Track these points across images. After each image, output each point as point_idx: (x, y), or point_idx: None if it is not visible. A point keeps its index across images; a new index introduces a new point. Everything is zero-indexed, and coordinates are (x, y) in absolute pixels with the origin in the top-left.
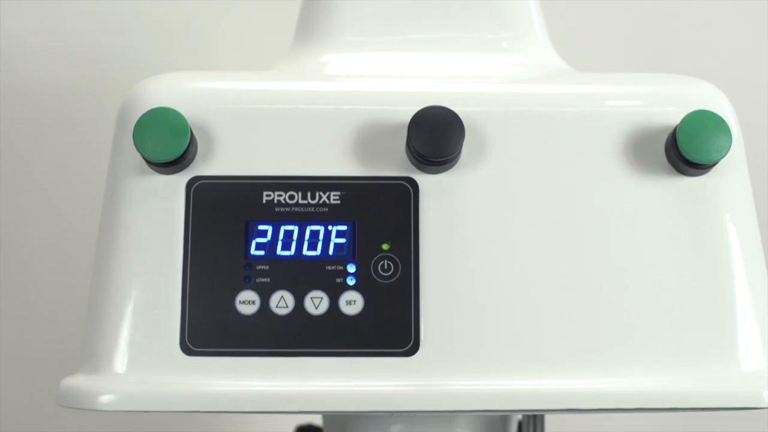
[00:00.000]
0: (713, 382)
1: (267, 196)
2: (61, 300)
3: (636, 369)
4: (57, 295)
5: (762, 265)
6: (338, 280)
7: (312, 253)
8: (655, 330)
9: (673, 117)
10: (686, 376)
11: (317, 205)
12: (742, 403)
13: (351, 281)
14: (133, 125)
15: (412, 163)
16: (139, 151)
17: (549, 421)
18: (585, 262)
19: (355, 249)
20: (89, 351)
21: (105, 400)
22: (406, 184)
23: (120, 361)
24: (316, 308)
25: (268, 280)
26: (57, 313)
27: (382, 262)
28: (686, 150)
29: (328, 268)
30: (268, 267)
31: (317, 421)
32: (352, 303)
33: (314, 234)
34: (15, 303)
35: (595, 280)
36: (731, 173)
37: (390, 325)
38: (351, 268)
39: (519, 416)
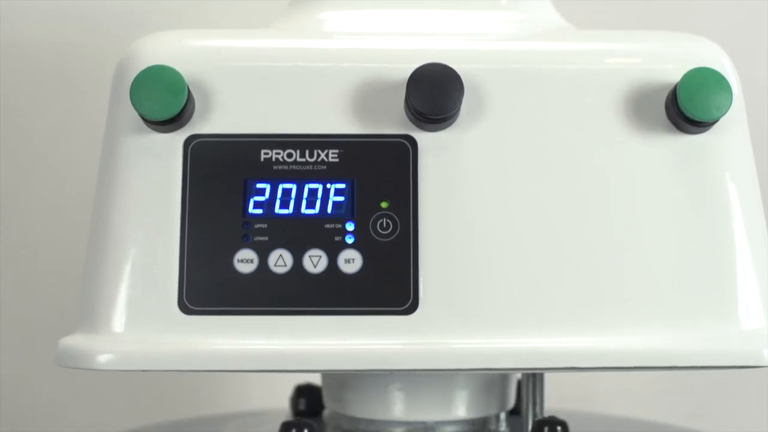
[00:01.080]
0: (713, 340)
1: (265, 154)
2: (59, 259)
3: (635, 327)
4: (55, 255)
5: (762, 224)
6: (337, 239)
7: (310, 211)
8: (654, 288)
9: (674, 74)
10: (686, 335)
11: (315, 163)
12: (741, 362)
13: (350, 239)
14: (130, 83)
15: (411, 120)
16: (136, 110)
17: (548, 379)
18: (584, 220)
19: (353, 207)
20: (87, 310)
21: (103, 359)
22: (405, 142)
23: (118, 321)
24: (315, 267)
25: (267, 238)
26: (55, 272)
27: (381, 221)
28: (687, 107)
29: (327, 226)
30: (266, 225)
31: (316, 380)
32: (350, 261)
33: (313, 192)
34: (12, 262)
35: (594, 238)
36: (732, 131)
37: (389, 284)
38: (350, 227)
39: (518, 375)
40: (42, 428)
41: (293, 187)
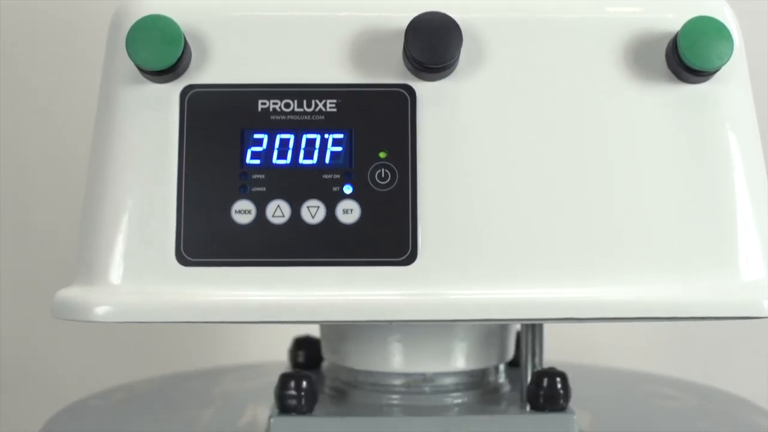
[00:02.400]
0: (713, 291)
1: (262, 104)
2: (57, 211)
3: (635, 278)
4: (53, 207)
5: (763, 174)
6: (335, 189)
7: (308, 161)
8: (654, 239)
9: (674, 23)
10: (686, 286)
11: (313, 113)
12: (741, 313)
13: (348, 190)
14: (126, 33)
15: (409, 70)
16: (132, 60)
17: (547, 333)
18: (584, 170)
19: (352, 157)
20: (84, 262)
21: (100, 311)
22: (403, 92)
23: (115, 272)
24: (313, 217)
25: (264, 189)
26: (53, 224)
27: (379, 171)
28: (687, 56)
29: (325, 176)
30: (263, 176)
31: (315, 333)
32: (348, 212)
33: (310, 142)
34: (11, 215)
35: (594, 189)
36: (732, 80)
37: (387, 234)
38: (348, 177)
39: (518, 327)
40: (39, 383)
41: (291, 137)
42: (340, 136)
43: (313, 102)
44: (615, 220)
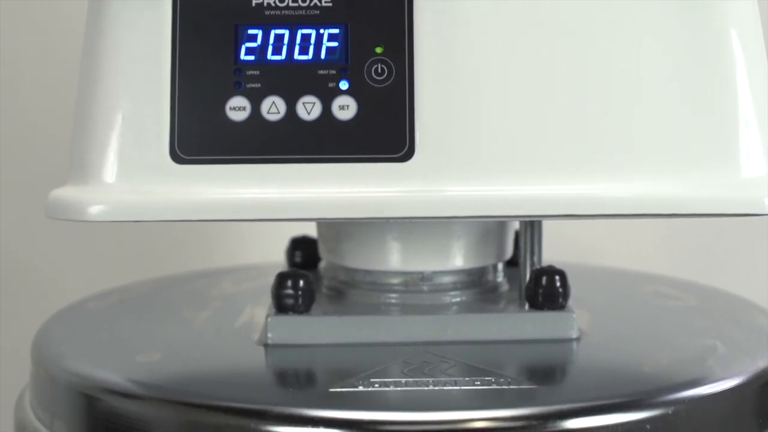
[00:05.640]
0: (713, 187)
1: None
2: (50, 109)
3: (635, 174)
4: (45, 105)
5: (765, 71)
6: (331, 85)
7: (303, 57)
8: (655, 135)
9: None
10: (686, 182)
11: (308, 7)
12: (742, 210)
13: (344, 86)
14: None
15: None
16: None
17: (547, 230)
18: (584, 66)
19: (347, 52)
20: (78, 161)
21: (94, 210)
22: None
23: (109, 171)
24: (309, 113)
25: (259, 85)
26: (46, 123)
27: (375, 66)
28: None
29: (321, 72)
30: (258, 72)
31: (312, 232)
32: (345, 108)
33: (305, 38)
34: (3, 114)
35: (595, 85)
36: None
37: (384, 131)
38: (343, 73)
39: (516, 225)
40: (34, 285)
41: (286, 32)
42: (336, 31)
43: None
44: (615, 117)
